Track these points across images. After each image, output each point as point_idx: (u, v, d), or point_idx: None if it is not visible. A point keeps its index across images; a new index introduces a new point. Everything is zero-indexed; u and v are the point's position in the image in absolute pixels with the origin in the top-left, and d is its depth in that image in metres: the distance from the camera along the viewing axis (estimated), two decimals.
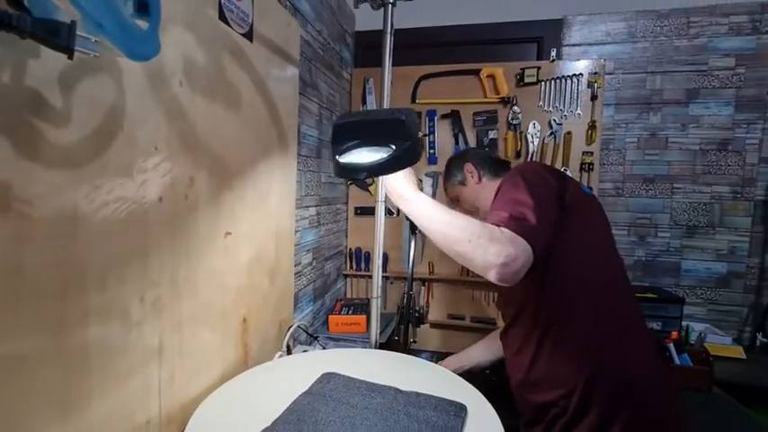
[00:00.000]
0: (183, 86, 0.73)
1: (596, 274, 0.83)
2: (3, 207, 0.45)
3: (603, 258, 0.85)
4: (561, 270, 0.80)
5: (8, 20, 0.31)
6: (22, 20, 0.32)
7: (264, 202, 1.05)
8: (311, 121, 1.42)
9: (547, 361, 0.82)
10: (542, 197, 0.77)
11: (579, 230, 0.82)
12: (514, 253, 0.67)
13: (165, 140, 0.69)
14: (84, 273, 0.56)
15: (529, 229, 0.70)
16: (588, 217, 0.86)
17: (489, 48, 1.84)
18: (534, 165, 0.90)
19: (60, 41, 0.33)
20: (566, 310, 0.81)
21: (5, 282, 0.46)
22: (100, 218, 0.58)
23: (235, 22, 0.88)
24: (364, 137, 0.70)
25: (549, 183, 0.82)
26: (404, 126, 0.66)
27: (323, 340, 1.48)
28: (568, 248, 0.81)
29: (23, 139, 0.47)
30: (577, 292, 0.81)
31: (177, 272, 0.74)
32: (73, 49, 0.34)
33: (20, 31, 0.32)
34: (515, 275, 0.68)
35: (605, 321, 0.80)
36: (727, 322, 1.67)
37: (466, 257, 0.71)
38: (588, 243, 0.84)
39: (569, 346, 0.80)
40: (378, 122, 0.70)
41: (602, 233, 0.88)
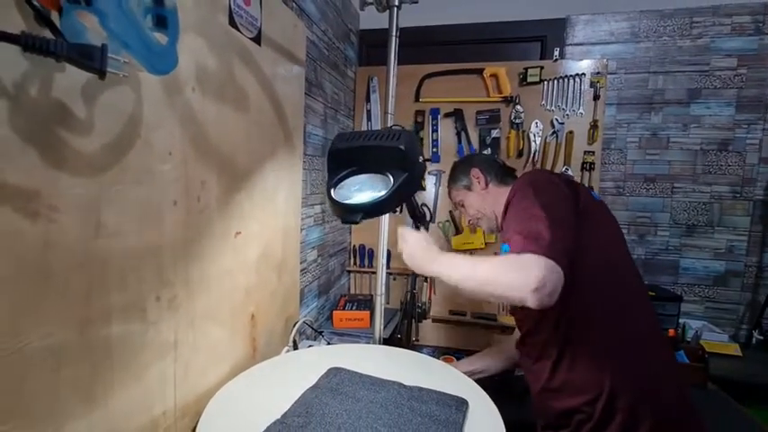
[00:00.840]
0: (196, 92, 0.75)
1: (613, 279, 0.83)
2: (33, 214, 0.48)
3: (619, 263, 0.85)
4: (579, 277, 0.77)
5: (47, 46, 0.34)
6: (59, 45, 0.34)
7: (272, 201, 1.08)
8: (316, 120, 1.44)
9: (568, 367, 0.83)
10: (557, 208, 0.76)
11: (594, 237, 0.81)
12: (542, 276, 0.65)
13: (178, 145, 0.72)
14: (106, 274, 0.59)
15: (549, 246, 0.69)
16: (602, 223, 0.86)
17: (492, 47, 1.85)
18: (544, 173, 0.90)
19: (93, 64, 0.36)
20: (586, 316, 0.81)
21: (36, 284, 0.49)
22: (119, 221, 0.60)
23: (244, 27, 0.90)
24: (361, 163, 0.67)
25: (563, 191, 0.81)
26: (403, 154, 0.63)
27: (328, 335, 1.51)
28: (585, 255, 0.78)
29: (51, 149, 0.50)
30: (596, 297, 0.81)
31: (191, 271, 0.77)
32: (105, 71, 0.37)
33: (57, 55, 0.35)
34: (551, 297, 0.66)
35: (625, 325, 0.81)
36: (724, 320, 1.70)
37: (501, 297, 0.71)
38: (604, 249, 0.83)
39: (591, 351, 0.80)
40: (375, 149, 0.66)
41: (616, 238, 0.88)
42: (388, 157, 0.65)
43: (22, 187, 0.47)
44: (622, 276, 0.85)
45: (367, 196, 0.66)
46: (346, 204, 0.66)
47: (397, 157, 0.64)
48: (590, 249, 0.80)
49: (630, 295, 0.84)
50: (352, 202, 0.67)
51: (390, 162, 0.65)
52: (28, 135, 0.47)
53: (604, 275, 0.82)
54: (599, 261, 0.81)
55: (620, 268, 0.85)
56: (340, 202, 0.66)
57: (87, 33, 0.38)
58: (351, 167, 0.68)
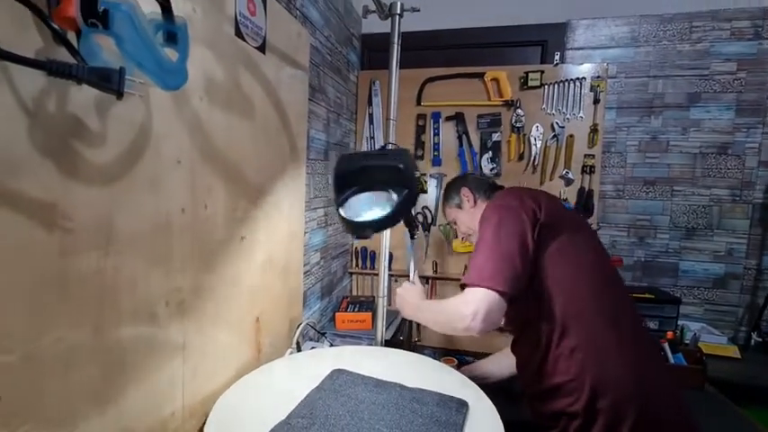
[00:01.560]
0: (203, 101, 0.78)
1: (585, 285, 0.87)
2: (49, 224, 0.50)
3: (591, 269, 0.90)
4: (551, 285, 0.86)
5: (69, 70, 0.36)
6: (80, 70, 0.37)
7: (276, 206, 1.10)
8: (319, 125, 1.46)
9: (551, 372, 0.86)
10: (510, 239, 0.86)
11: (561, 246, 0.88)
12: (473, 308, 0.79)
13: (186, 154, 0.74)
14: (118, 279, 0.61)
15: (487, 274, 0.82)
16: (570, 232, 0.91)
17: (493, 51, 1.86)
18: (510, 196, 0.96)
19: (112, 86, 0.38)
20: (562, 321, 0.85)
21: (51, 291, 0.51)
22: (130, 228, 0.63)
23: (249, 37, 0.92)
24: (363, 182, 0.74)
25: (522, 218, 0.88)
26: (401, 173, 0.72)
27: (330, 337, 1.53)
28: (554, 265, 0.87)
29: (67, 162, 0.52)
30: (568, 304, 0.85)
31: (198, 276, 0.79)
32: (123, 92, 0.39)
33: (78, 79, 0.37)
34: (487, 322, 0.79)
35: (602, 330, 0.84)
36: (723, 322, 1.71)
37: (455, 332, 0.86)
38: (572, 257, 0.89)
39: (570, 356, 0.84)
40: (376, 168, 0.74)
41: (586, 245, 0.93)
42: (389, 175, 0.72)
43: (40, 199, 0.49)
44: (595, 281, 0.89)
45: (375, 213, 0.73)
46: (357, 222, 0.73)
47: (398, 175, 0.72)
48: (559, 259, 0.88)
49: (605, 299, 0.87)
50: (362, 220, 0.73)
51: (390, 179, 0.73)
52: (45, 149, 0.49)
53: (574, 282, 0.87)
54: (567, 269, 0.88)
55: (592, 274, 0.89)
56: (351, 221, 0.73)
57: (103, 53, 0.40)
58: (354, 186, 0.74)
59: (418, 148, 1.88)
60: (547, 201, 0.94)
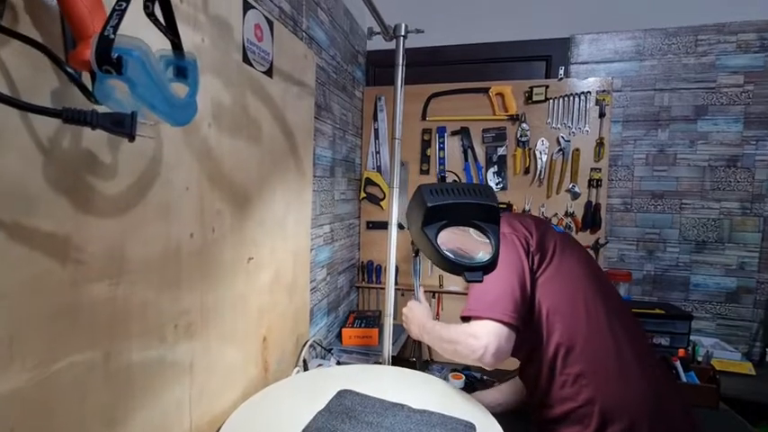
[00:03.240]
0: (212, 128, 0.79)
1: (582, 309, 0.86)
2: (62, 258, 0.51)
3: (587, 292, 0.89)
4: (549, 313, 0.86)
5: (84, 117, 0.37)
6: (94, 116, 0.38)
7: (282, 225, 1.11)
8: (325, 142, 1.48)
9: (559, 399, 0.85)
10: (506, 263, 0.85)
11: (556, 272, 0.89)
12: (484, 343, 0.78)
13: (195, 180, 0.76)
14: (128, 306, 0.62)
15: (490, 306, 0.81)
16: (561, 256, 0.91)
17: (498, 66, 1.88)
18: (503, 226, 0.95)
19: (125, 130, 0.39)
20: (563, 348, 0.84)
21: (64, 319, 0.52)
22: (141, 256, 0.64)
23: (257, 62, 0.94)
24: (452, 217, 0.76)
25: (514, 243, 0.89)
26: (497, 210, 0.75)
27: (337, 353, 1.53)
28: (550, 292, 0.87)
29: (80, 195, 0.53)
30: (568, 330, 0.85)
31: (206, 299, 0.80)
32: (135, 136, 0.40)
33: (92, 125, 0.38)
34: (498, 356, 0.79)
35: (603, 353, 0.83)
36: (736, 337, 1.68)
37: (464, 362, 0.86)
38: (567, 282, 0.89)
39: (575, 382, 0.83)
40: (467, 205, 0.76)
41: (579, 266, 0.93)
42: (479, 211, 0.76)
43: (54, 233, 0.50)
44: (593, 305, 0.88)
45: (482, 256, 0.75)
46: (467, 264, 0.74)
47: (491, 212, 0.76)
48: (551, 286, 0.88)
49: (604, 321, 0.87)
50: (473, 262, 0.74)
51: (478, 215, 0.76)
52: (59, 184, 0.50)
53: (571, 308, 0.87)
54: (563, 295, 0.88)
55: (588, 297, 0.89)
56: (461, 263, 0.73)
57: (116, 94, 0.42)
58: (441, 221, 0.75)
59: (424, 163, 1.89)
60: (536, 226, 0.95)
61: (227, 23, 0.83)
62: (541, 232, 0.94)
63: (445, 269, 0.77)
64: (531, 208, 1.77)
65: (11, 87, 0.45)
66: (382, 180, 1.89)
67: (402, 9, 1.68)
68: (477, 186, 0.79)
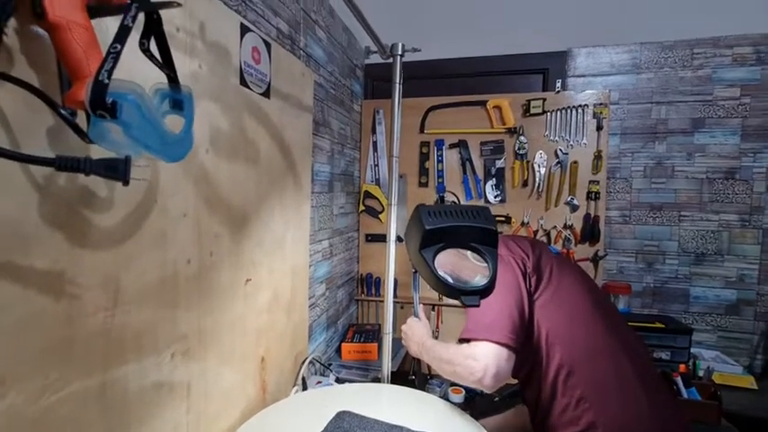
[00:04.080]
0: (209, 153, 0.80)
1: (580, 331, 0.86)
2: (57, 293, 0.51)
3: (584, 312, 0.89)
4: (547, 336, 0.86)
5: (77, 164, 0.38)
6: (87, 163, 0.38)
7: (281, 244, 1.11)
8: (323, 157, 1.48)
9: (561, 424, 0.85)
10: (503, 285, 0.84)
11: (553, 294, 0.89)
12: (483, 365, 0.78)
13: (192, 206, 0.75)
14: (124, 336, 0.62)
15: (488, 328, 0.81)
16: (558, 277, 0.91)
17: (495, 79, 1.89)
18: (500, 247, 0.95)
19: (118, 175, 0.40)
20: (563, 371, 0.84)
21: (59, 353, 0.52)
22: (137, 286, 0.64)
23: (254, 84, 0.94)
24: (450, 240, 0.76)
25: (511, 264, 0.89)
26: (495, 233, 0.74)
27: (336, 368, 1.53)
28: (548, 314, 0.87)
29: (75, 230, 0.53)
30: (567, 352, 0.84)
31: (204, 323, 0.80)
32: (128, 180, 0.40)
33: (86, 171, 0.38)
34: (498, 378, 0.78)
35: (603, 375, 0.83)
36: (738, 349, 1.67)
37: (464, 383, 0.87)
38: (565, 303, 0.89)
39: (577, 406, 0.82)
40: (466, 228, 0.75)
41: (576, 287, 0.93)
42: (477, 233, 0.75)
43: (48, 270, 0.50)
44: (591, 325, 0.88)
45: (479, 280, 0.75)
46: (464, 288, 0.74)
47: (489, 235, 0.75)
48: (548, 308, 0.88)
49: (603, 341, 0.87)
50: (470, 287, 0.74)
51: (476, 238, 0.76)
52: (55, 221, 0.50)
53: (570, 330, 0.86)
54: (560, 317, 0.88)
55: (586, 318, 0.89)
56: (458, 287, 0.73)
57: (110, 135, 0.42)
58: (439, 243, 0.75)
59: (422, 175, 1.89)
60: (533, 248, 0.95)
61: (224, 48, 0.83)
62: (538, 254, 0.94)
63: (442, 293, 0.77)
64: (529, 220, 1.77)
65: (6, 127, 0.45)
66: (381, 193, 1.90)
67: (400, 23, 1.69)
68: (476, 209, 0.80)
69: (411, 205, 1.91)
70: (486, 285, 0.72)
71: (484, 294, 0.72)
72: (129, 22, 0.45)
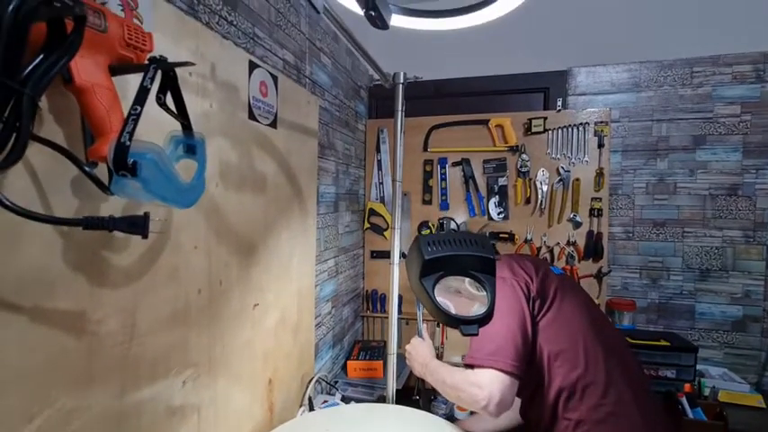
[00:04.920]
0: (219, 186, 0.83)
1: (582, 354, 0.88)
2: (79, 332, 0.55)
3: (586, 334, 0.91)
4: (550, 359, 0.88)
5: (102, 223, 0.41)
6: (110, 222, 0.42)
7: (287, 268, 1.14)
8: (329, 179, 1.52)
9: None
10: (507, 309, 0.87)
11: (555, 317, 0.91)
12: (487, 393, 0.80)
13: (203, 238, 0.79)
14: (138, 368, 0.65)
15: (492, 354, 0.83)
16: (560, 299, 0.93)
17: (497, 98, 1.92)
18: (502, 266, 0.97)
19: (138, 231, 0.43)
20: (564, 394, 0.86)
21: (78, 387, 0.55)
22: (151, 319, 0.67)
23: (262, 117, 0.98)
24: (450, 268, 0.78)
25: (514, 287, 0.91)
26: (493, 262, 0.76)
27: (342, 386, 1.54)
28: (550, 337, 0.89)
29: (96, 271, 0.57)
30: (569, 375, 0.86)
31: (213, 350, 0.83)
32: (147, 234, 0.44)
33: (109, 229, 0.42)
34: (502, 406, 0.80)
35: (602, 398, 0.84)
36: (745, 366, 1.66)
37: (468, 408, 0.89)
38: (567, 326, 0.91)
39: (576, 428, 0.84)
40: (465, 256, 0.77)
41: (578, 308, 0.94)
42: (476, 262, 0.77)
43: (71, 311, 0.53)
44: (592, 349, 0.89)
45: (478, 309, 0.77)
46: (463, 317, 0.75)
47: (488, 263, 0.77)
48: (551, 331, 0.90)
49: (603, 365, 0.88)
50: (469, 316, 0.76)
51: (475, 266, 0.78)
52: (77, 264, 0.54)
53: (572, 353, 0.88)
54: (563, 340, 0.89)
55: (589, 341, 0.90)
56: (457, 317, 0.75)
57: (130, 189, 0.45)
58: (438, 271, 0.77)
59: (426, 193, 1.92)
60: (536, 269, 0.97)
61: (233, 86, 0.87)
62: (542, 276, 0.96)
63: (442, 321, 0.79)
64: (532, 237, 1.79)
65: (34, 179, 0.49)
66: (385, 211, 1.92)
67: (403, 44, 1.74)
68: (474, 237, 0.82)
69: (415, 222, 1.94)
70: (484, 314, 0.74)
71: (482, 323, 0.74)
72: (147, 84, 0.48)
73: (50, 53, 0.40)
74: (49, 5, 0.38)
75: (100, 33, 0.48)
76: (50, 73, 0.40)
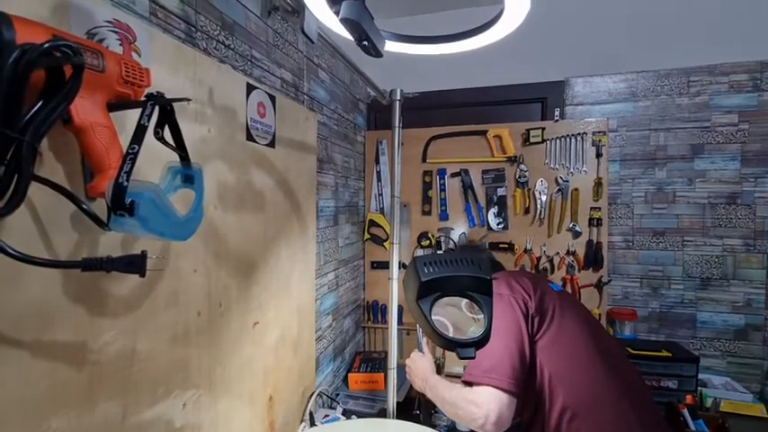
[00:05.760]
0: (217, 209, 0.84)
1: (583, 372, 0.88)
2: (80, 363, 0.56)
3: (586, 352, 0.91)
4: (550, 378, 0.88)
5: (100, 264, 0.42)
6: (108, 263, 0.43)
7: (287, 285, 1.15)
8: (328, 193, 1.53)
9: None
10: (504, 328, 0.87)
11: (555, 335, 0.91)
12: (485, 412, 0.81)
13: (202, 261, 0.80)
14: (139, 394, 0.66)
15: (488, 372, 0.84)
16: (560, 317, 0.94)
17: (495, 109, 1.93)
18: (500, 283, 0.97)
19: (135, 270, 0.44)
20: (566, 414, 0.86)
21: (80, 415, 0.56)
22: (152, 345, 0.68)
23: (260, 137, 1.00)
24: (446, 289, 0.78)
25: (512, 305, 0.91)
26: (490, 283, 0.77)
27: (343, 398, 1.55)
28: (550, 357, 0.89)
29: (95, 302, 0.58)
30: (569, 395, 0.86)
31: (213, 371, 0.83)
32: (145, 273, 0.45)
33: (107, 269, 0.43)
34: (500, 424, 0.81)
35: (604, 419, 0.85)
36: (748, 375, 1.65)
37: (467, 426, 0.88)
38: (567, 345, 0.91)
39: None
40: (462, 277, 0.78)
41: (577, 326, 0.95)
42: (472, 283, 0.77)
43: (72, 342, 0.54)
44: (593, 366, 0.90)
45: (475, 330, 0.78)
46: (460, 340, 0.75)
47: (484, 284, 0.78)
48: (550, 350, 0.90)
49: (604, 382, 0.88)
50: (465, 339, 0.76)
51: (471, 287, 0.78)
52: (77, 296, 0.55)
53: (572, 372, 0.89)
54: (562, 359, 0.89)
55: (589, 358, 0.90)
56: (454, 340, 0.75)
57: (127, 226, 0.46)
58: (435, 293, 0.78)
59: (425, 204, 1.93)
60: (534, 287, 0.97)
61: (231, 109, 0.89)
62: (540, 293, 0.96)
63: (438, 344, 0.79)
64: (532, 247, 1.79)
65: (35, 216, 0.50)
66: (385, 222, 1.93)
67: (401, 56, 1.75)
68: (470, 257, 0.82)
69: (414, 233, 1.94)
70: (481, 336, 0.75)
71: (479, 345, 0.75)
72: (145, 122, 0.50)
73: (49, 99, 0.41)
74: (48, 56, 0.39)
75: (98, 73, 0.49)
76: (49, 119, 0.41)
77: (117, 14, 0.60)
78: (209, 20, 0.85)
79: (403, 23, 0.85)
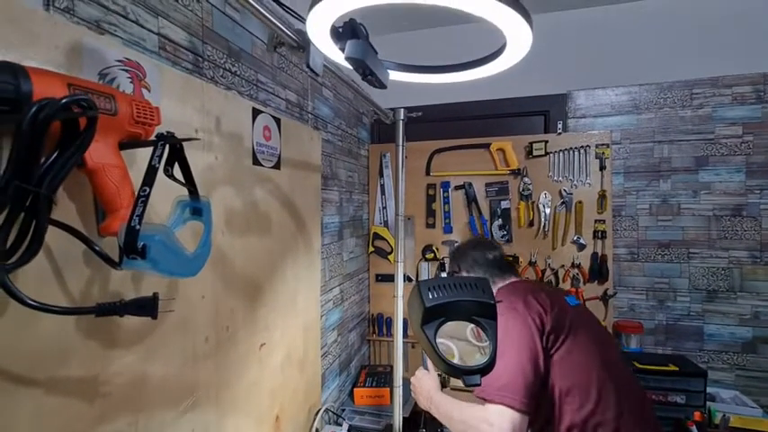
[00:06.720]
0: (224, 235, 0.85)
1: (595, 388, 0.89)
2: (90, 396, 0.57)
3: (599, 368, 0.91)
4: (562, 393, 0.88)
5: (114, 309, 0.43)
6: (120, 307, 0.44)
7: (293, 304, 1.16)
8: (332, 209, 1.54)
9: None
10: (518, 343, 0.88)
11: (568, 350, 0.91)
12: (497, 429, 0.81)
13: (209, 287, 0.81)
14: (149, 420, 0.67)
15: (502, 389, 0.84)
16: (574, 333, 0.94)
17: (498, 122, 1.94)
18: (515, 296, 0.97)
19: (147, 312, 0.45)
20: (577, 428, 0.86)
21: None
22: (161, 373, 0.69)
23: (265, 160, 1.01)
24: (451, 314, 0.78)
25: (527, 320, 0.91)
26: (494, 308, 0.77)
27: (349, 414, 1.55)
28: (563, 372, 0.90)
29: (107, 335, 0.59)
30: (579, 411, 0.87)
31: (221, 395, 0.84)
32: (157, 315, 0.46)
33: (120, 314, 0.44)
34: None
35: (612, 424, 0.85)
36: (757, 388, 1.64)
37: None
38: (580, 361, 0.91)
39: None
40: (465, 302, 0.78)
41: (591, 342, 0.95)
42: (476, 307, 0.77)
43: (84, 377, 0.55)
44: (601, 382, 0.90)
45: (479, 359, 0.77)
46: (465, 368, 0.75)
47: (488, 308, 0.78)
48: (564, 365, 0.90)
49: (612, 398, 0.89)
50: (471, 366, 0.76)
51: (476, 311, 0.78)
52: (89, 330, 0.56)
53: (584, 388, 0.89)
54: (576, 374, 0.90)
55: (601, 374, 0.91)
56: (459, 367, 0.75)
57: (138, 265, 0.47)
58: (440, 318, 0.77)
59: (429, 217, 1.93)
60: (551, 302, 0.97)
61: (238, 135, 0.90)
62: (557, 309, 0.96)
63: (443, 371, 0.79)
64: (536, 260, 1.79)
65: (49, 256, 0.51)
66: (389, 234, 1.94)
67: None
68: (474, 280, 0.83)
69: (419, 246, 1.95)
70: (486, 363, 0.75)
71: (485, 372, 0.75)
72: (156, 163, 0.51)
73: (65, 149, 0.43)
74: (66, 110, 0.40)
75: (111, 116, 0.51)
76: (65, 169, 0.42)
77: (127, 53, 0.62)
78: (216, 49, 0.87)
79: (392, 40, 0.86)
